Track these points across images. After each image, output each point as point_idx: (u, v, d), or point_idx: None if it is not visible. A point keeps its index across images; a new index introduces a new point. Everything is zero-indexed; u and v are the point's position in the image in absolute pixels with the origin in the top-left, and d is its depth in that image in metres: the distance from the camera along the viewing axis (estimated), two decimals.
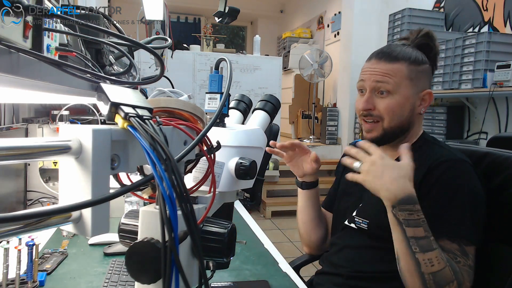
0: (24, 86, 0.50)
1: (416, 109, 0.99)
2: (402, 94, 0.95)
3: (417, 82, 0.97)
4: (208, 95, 0.65)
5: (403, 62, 0.96)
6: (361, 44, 4.54)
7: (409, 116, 0.98)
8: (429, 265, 0.80)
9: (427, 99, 0.99)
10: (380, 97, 0.97)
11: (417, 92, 0.97)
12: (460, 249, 0.86)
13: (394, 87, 0.95)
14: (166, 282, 0.38)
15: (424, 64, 0.99)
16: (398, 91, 0.95)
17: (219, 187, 0.59)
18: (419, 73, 0.97)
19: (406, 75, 0.96)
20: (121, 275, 0.99)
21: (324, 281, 1.08)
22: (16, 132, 1.41)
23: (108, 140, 0.38)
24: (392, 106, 0.95)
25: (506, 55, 2.71)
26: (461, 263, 0.85)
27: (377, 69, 0.97)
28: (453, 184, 0.90)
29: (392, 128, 0.97)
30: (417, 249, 0.80)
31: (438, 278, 0.80)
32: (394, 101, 0.95)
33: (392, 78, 0.95)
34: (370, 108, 0.98)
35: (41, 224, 0.34)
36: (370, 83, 0.97)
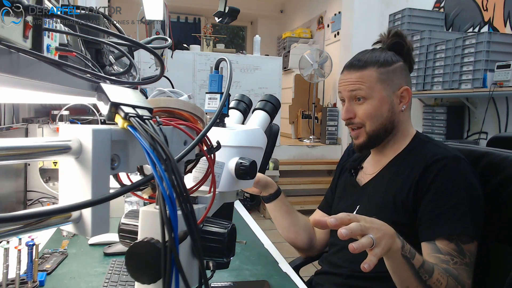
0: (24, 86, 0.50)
1: (396, 107, 1.02)
2: (377, 97, 1.00)
3: (390, 82, 1.01)
4: (208, 95, 0.65)
5: (371, 67, 1.01)
6: (361, 44, 4.53)
7: (389, 116, 1.01)
8: (439, 285, 0.81)
9: (406, 96, 1.02)
10: (358, 104, 1.02)
11: (393, 91, 1.01)
12: (457, 249, 0.86)
13: (367, 92, 1.00)
14: (166, 282, 0.38)
15: (395, 63, 1.02)
16: (372, 95, 1.00)
17: (219, 187, 0.59)
18: (391, 73, 1.01)
19: (377, 78, 1.00)
20: (121, 275, 0.99)
21: (324, 281, 1.08)
22: (16, 132, 1.41)
23: (108, 140, 0.38)
24: (369, 110, 1.00)
25: (506, 55, 2.71)
26: (458, 263, 0.85)
27: (348, 79, 1.02)
28: (450, 183, 0.91)
29: (375, 131, 1.01)
30: (426, 276, 0.80)
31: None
32: (370, 105, 1.00)
33: (363, 84, 1.00)
34: (351, 117, 1.03)
35: (41, 224, 0.34)
36: (346, 93, 1.03)
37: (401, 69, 1.03)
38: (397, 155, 1.04)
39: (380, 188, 1.02)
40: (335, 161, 4.12)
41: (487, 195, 0.98)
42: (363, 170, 1.13)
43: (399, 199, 0.94)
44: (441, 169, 0.91)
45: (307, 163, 4.75)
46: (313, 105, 5.50)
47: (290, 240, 1.22)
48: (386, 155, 1.06)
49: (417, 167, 0.94)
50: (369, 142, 1.03)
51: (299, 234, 1.19)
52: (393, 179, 1.00)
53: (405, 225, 0.93)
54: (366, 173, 1.10)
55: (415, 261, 0.80)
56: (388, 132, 1.02)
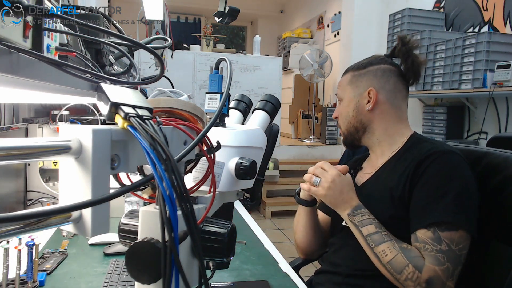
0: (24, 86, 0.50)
1: (363, 107, 1.07)
2: (346, 98, 1.10)
3: (359, 83, 1.08)
4: (208, 95, 0.65)
5: (349, 72, 1.11)
6: (361, 44, 4.54)
7: (355, 116, 1.08)
8: (384, 256, 0.90)
9: (372, 96, 1.06)
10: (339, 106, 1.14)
11: (360, 92, 1.07)
12: (433, 237, 0.87)
13: (341, 94, 1.12)
14: (166, 282, 0.38)
15: (371, 66, 1.08)
16: (344, 96, 1.11)
17: (219, 187, 0.59)
18: (361, 75, 1.08)
19: (348, 81, 1.11)
20: (121, 275, 0.99)
21: (323, 280, 1.08)
22: (16, 132, 1.41)
23: (108, 140, 0.38)
24: (340, 111, 1.12)
25: (506, 55, 2.71)
26: (428, 250, 0.87)
27: (338, 84, 1.16)
28: (438, 175, 0.92)
29: (347, 130, 1.11)
30: (373, 244, 0.91)
31: (394, 265, 0.88)
32: (341, 106, 1.12)
33: (340, 88, 1.13)
34: (336, 116, 1.15)
35: (41, 224, 0.34)
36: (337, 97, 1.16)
37: (375, 71, 1.07)
38: (394, 154, 1.04)
39: (377, 186, 1.03)
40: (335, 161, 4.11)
41: (487, 195, 0.98)
42: (362, 170, 1.13)
43: (396, 195, 0.96)
44: (431, 162, 0.93)
45: (307, 163, 4.75)
46: (313, 105, 5.50)
47: (305, 244, 1.21)
48: (383, 155, 1.07)
49: (412, 163, 0.96)
50: (347, 140, 1.12)
51: (317, 239, 1.19)
52: (390, 176, 1.01)
53: (404, 219, 0.94)
54: (364, 173, 1.11)
55: (363, 229, 0.93)
56: (360, 131, 1.08)
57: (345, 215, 0.97)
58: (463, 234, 0.88)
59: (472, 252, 1.00)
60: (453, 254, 0.86)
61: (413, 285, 0.86)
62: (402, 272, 0.87)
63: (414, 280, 0.86)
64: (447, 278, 0.85)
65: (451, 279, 0.86)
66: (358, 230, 0.94)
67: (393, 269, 0.88)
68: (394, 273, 0.88)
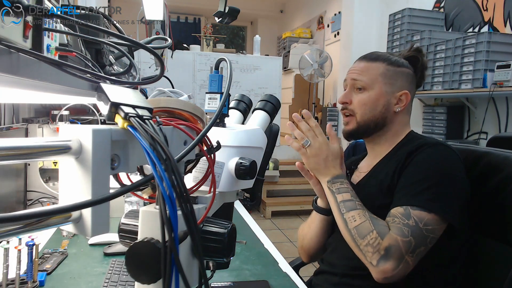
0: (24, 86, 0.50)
1: (392, 107, 1.04)
2: (376, 90, 1.03)
3: (394, 81, 1.04)
4: (208, 95, 0.64)
5: (381, 62, 1.05)
6: (361, 44, 4.54)
7: (383, 112, 1.04)
8: (352, 221, 0.91)
9: (404, 99, 1.04)
10: (358, 93, 1.05)
11: (393, 91, 1.04)
12: (404, 212, 0.88)
13: (368, 83, 1.04)
14: (166, 282, 0.38)
15: (404, 67, 1.06)
16: (372, 87, 1.03)
17: (219, 187, 0.58)
18: (397, 74, 1.04)
19: (382, 72, 1.04)
20: (121, 275, 0.99)
21: (322, 281, 1.08)
22: (16, 132, 1.41)
23: (108, 140, 0.38)
24: (364, 100, 1.04)
25: (506, 55, 2.71)
26: (396, 222, 0.87)
27: (356, 68, 1.07)
28: (424, 162, 0.93)
29: (365, 122, 1.04)
30: (344, 210, 0.93)
31: (359, 230, 0.89)
32: (366, 96, 1.04)
33: (366, 75, 1.04)
34: (347, 102, 1.07)
35: (41, 224, 0.34)
36: (349, 80, 1.07)
37: (408, 75, 1.06)
38: (388, 152, 1.06)
39: (371, 182, 1.04)
40: None
41: (487, 194, 0.98)
42: (358, 169, 1.14)
43: (385, 184, 0.97)
44: (420, 152, 0.95)
45: None
46: (313, 105, 5.50)
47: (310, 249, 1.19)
48: (379, 154, 1.07)
49: (403, 155, 0.97)
50: (357, 131, 1.06)
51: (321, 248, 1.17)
52: (383, 171, 1.02)
53: None
54: (360, 172, 1.12)
55: (338, 196, 0.96)
56: (378, 127, 1.05)
57: (325, 181, 0.99)
58: (435, 218, 0.87)
59: (472, 252, 1.00)
60: (419, 231, 0.86)
61: (371, 251, 0.86)
62: (365, 237, 0.88)
63: (374, 246, 0.86)
64: (406, 251, 0.84)
65: (411, 254, 0.85)
66: (333, 196, 0.96)
67: (357, 234, 0.89)
68: (357, 238, 0.89)
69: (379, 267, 0.85)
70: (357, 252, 0.90)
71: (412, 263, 0.86)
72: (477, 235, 1.01)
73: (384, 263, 0.85)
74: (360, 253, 0.89)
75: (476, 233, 1.01)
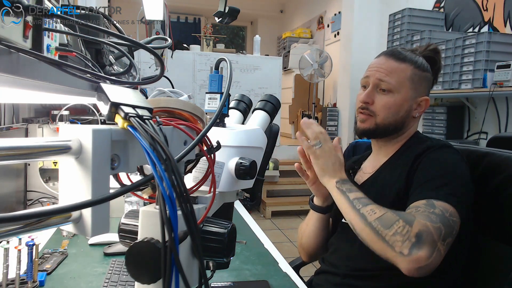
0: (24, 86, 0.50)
1: (412, 112, 1.02)
2: (402, 94, 1.00)
3: (418, 87, 1.01)
4: (208, 95, 0.64)
5: (409, 64, 1.00)
6: (361, 44, 4.54)
7: (404, 117, 1.01)
8: (372, 214, 0.85)
9: (423, 105, 1.03)
10: (381, 94, 1.01)
11: (416, 96, 1.02)
12: (427, 203, 0.85)
13: (395, 86, 0.99)
14: (166, 282, 0.38)
15: (428, 72, 1.04)
16: (399, 90, 0.99)
17: (219, 187, 0.58)
18: (422, 79, 1.02)
19: (410, 76, 1.00)
20: (121, 275, 0.99)
21: (323, 281, 1.08)
22: (16, 132, 1.41)
23: (108, 140, 0.38)
24: (390, 104, 1.00)
25: (506, 55, 2.71)
26: (421, 211, 0.83)
27: (383, 67, 1.01)
28: (434, 163, 0.93)
29: (385, 125, 1.01)
30: (360, 205, 0.88)
31: (383, 221, 0.83)
32: (393, 99, 1.00)
33: (395, 77, 0.99)
34: (369, 102, 1.02)
35: (41, 224, 0.34)
36: (374, 79, 1.02)
37: (429, 79, 1.05)
38: (395, 153, 1.05)
39: (376, 184, 1.03)
40: None
41: (488, 195, 0.98)
42: (362, 169, 1.13)
43: (393, 189, 0.96)
44: (428, 154, 0.95)
45: None
46: (313, 105, 5.50)
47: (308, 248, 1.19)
48: (385, 154, 1.06)
49: (411, 158, 0.97)
50: (374, 132, 1.03)
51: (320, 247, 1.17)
52: (389, 174, 1.01)
53: None
54: (364, 172, 1.11)
55: (350, 194, 0.91)
56: (396, 130, 1.03)
57: (333, 182, 0.95)
58: (456, 212, 0.84)
59: (472, 252, 1.00)
60: (446, 220, 0.81)
61: (401, 240, 0.79)
62: (391, 227, 0.81)
63: (403, 234, 0.79)
64: (438, 237, 0.79)
65: (442, 242, 0.79)
66: (345, 195, 0.91)
67: (381, 225, 0.82)
68: (381, 230, 0.81)
69: (412, 256, 0.77)
70: (381, 245, 0.82)
71: (443, 252, 0.79)
72: (478, 235, 1.01)
73: (417, 250, 0.77)
74: (385, 245, 0.81)
75: (477, 233, 1.01)
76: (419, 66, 1.01)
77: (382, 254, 0.83)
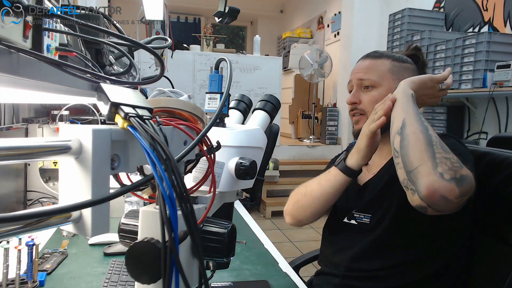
0: (24, 86, 0.50)
1: None
2: (386, 86, 1.01)
3: (401, 77, 1.01)
4: (208, 95, 0.64)
5: (386, 58, 1.04)
6: (361, 44, 4.54)
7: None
8: (434, 132, 0.82)
9: None
10: (366, 92, 1.04)
11: None
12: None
13: (377, 80, 1.02)
14: (166, 282, 0.38)
15: (408, 63, 1.05)
16: (381, 83, 1.02)
17: (219, 187, 0.58)
18: (403, 69, 1.03)
19: (389, 69, 1.02)
20: (121, 275, 0.99)
21: (323, 281, 1.08)
22: (16, 132, 1.41)
23: (108, 140, 0.38)
24: (375, 98, 1.01)
25: (506, 55, 2.71)
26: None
27: (361, 67, 1.05)
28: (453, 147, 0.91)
29: None
30: (425, 121, 0.84)
31: (442, 144, 0.80)
32: (377, 93, 1.02)
33: (374, 73, 1.02)
34: (356, 102, 1.04)
35: (41, 224, 0.34)
36: (355, 80, 1.05)
37: (413, 70, 1.06)
38: None
39: (381, 184, 1.01)
40: None
41: (488, 195, 0.98)
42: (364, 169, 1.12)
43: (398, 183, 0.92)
44: None
45: (307, 163, 4.75)
46: (313, 105, 5.50)
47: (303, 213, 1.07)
48: (387, 154, 1.06)
49: None
50: None
51: (317, 215, 1.08)
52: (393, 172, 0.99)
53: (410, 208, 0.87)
54: (366, 172, 1.10)
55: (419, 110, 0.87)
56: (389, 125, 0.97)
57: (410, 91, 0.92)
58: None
59: (472, 252, 1.00)
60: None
61: (448, 167, 0.77)
62: (448, 152, 0.79)
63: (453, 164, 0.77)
64: (468, 191, 0.78)
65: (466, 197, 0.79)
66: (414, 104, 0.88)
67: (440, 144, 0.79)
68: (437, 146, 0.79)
69: (449, 184, 0.75)
70: (424, 155, 0.78)
71: (460, 205, 0.79)
72: (478, 235, 1.01)
73: (455, 185, 0.76)
74: (429, 159, 0.78)
75: (477, 233, 1.01)
76: (397, 59, 1.04)
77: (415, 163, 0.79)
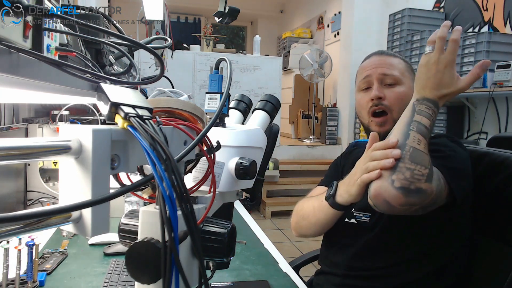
0: (24, 86, 0.50)
1: None
2: (407, 84, 1.01)
3: (413, 77, 1.01)
4: (208, 95, 0.64)
5: (400, 58, 1.05)
6: (361, 44, 4.54)
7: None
8: (416, 142, 0.77)
9: None
10: (389, 88, 1.00)
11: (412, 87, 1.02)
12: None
13: (400, 77, 1.00)
14: (166, 282, 0.38)
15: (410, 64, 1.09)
16: (403, 81, 1.01)
17: (219, 187, 0.58)
18: (412, 71, 1.06)
19: (406, 68, 1.03)
20: (121, 275, 0.99)
21: (323, 281, 1.08)
22: (16, 132, 1.41)
23: (108, 140, 0.38)
24: (402, 95, 0.98)
25: (506, 55, 2.71)
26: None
27: (380, 62, 1.02)
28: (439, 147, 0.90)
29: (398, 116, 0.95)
30: (414, 128, 0.78)
31: (416, 154, 0.75)
32: (402, 90, 0.99)
33: (396, 70, 1.00)
34: (381, 97, 0.98)
35: (41, 224, 0.34)
36: (377, 75, 1.00)
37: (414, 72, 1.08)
38: None
39: None
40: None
41: (488, 195, 0.98)
42: None
43: None
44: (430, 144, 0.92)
45: (307, 163, 4.75)
46: (313, 105, 5.50)
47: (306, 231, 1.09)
48: None
49: None
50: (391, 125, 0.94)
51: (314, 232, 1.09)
52: None
53: None
54: None
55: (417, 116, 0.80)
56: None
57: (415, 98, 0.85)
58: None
59: (472, 252, 1.00)
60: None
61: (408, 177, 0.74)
62: (416, 164, 0.74)
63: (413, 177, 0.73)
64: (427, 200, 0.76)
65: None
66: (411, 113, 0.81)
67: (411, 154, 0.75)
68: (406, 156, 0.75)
69: (395, 192, 0.73)
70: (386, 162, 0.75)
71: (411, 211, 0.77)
72: (478, 235, 1.01)
73: (402, 194, 0.73)
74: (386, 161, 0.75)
75: (477, 233, 1.01)
76: (406, 60, 1.06)
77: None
